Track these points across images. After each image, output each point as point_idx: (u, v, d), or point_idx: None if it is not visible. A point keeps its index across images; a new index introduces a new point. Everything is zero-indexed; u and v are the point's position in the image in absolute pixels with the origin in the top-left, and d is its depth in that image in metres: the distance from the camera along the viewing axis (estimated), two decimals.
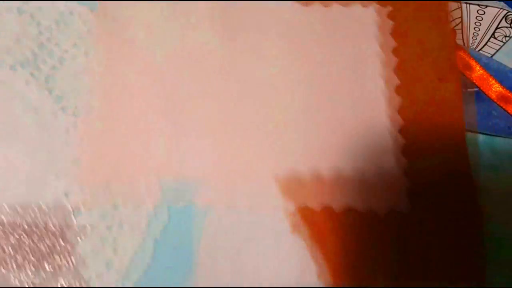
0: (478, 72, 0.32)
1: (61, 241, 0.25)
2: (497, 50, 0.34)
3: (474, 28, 0.34)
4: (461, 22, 0.34)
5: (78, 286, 0.24)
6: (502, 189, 0.29)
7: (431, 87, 0.29)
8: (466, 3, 0.35)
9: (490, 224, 0.28)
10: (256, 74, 0.29)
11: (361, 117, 0.28)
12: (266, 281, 0.25)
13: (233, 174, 0.27)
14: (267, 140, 0.28)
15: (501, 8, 0.35)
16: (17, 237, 0.25)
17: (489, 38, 0.34)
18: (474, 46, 0.34)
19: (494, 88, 0.31)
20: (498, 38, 0.34)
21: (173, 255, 0.25)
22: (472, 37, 0.34)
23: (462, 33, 0.34)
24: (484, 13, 0.35)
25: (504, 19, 0.35)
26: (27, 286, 0.24)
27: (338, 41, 0.30)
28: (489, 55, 0.33)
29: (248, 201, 0.26)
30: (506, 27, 0.34)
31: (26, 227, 0.25)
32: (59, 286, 0.24)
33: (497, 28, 0.34)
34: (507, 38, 0.34)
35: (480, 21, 0.35)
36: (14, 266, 0.24)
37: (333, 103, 0.29)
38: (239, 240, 0.26)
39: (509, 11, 0.35)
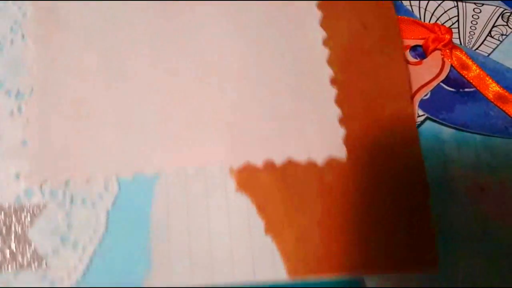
0: (475, 71, 0.32)
1: (14, 220, 0.25)
2: (494, 49, 0.33)
3: (471, 27, 0.34)
4: (458, 21, 0.34)
5: (36, 264, 0.25)
6: (501, 190, 0.29)
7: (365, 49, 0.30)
8: (462, 1, 0.35)
9: (489, 224, 0.28)
10: (204, 63, 0.29)
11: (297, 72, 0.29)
12: (216, 236, 0.26)
13: (181, 140, 0.28)
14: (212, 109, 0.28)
15: (497, 6, 0.35)
16: None
17: (486, 37, 0.34)
18: (470, 45, 0.33)
19: (491, 88, 0.31)
20: (494, 37, 0.34)
21: (126, 223, 0.26)
22: (469, 36, 0.34)
23: (458, 32, 0.34)
24: (481, 11, 0.35)
25: (500, 17, 0.34)
26: None
27: (275, 28, 0.30)
28: (486, 54, 0.33)
29: (194, 162, 0.27)
30: (503, 25, 0.34)
31: None
32: (16, 266, 0.25)
33: (493, 26, 0.34)
34: (503, 37, 0.34)
35: (477, 20, 0.34)
36: None
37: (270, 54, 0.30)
38: (188, 201, 0.27)
39: (505, 9, 0.35)
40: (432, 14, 0.34)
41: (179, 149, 0.27)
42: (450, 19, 0.34)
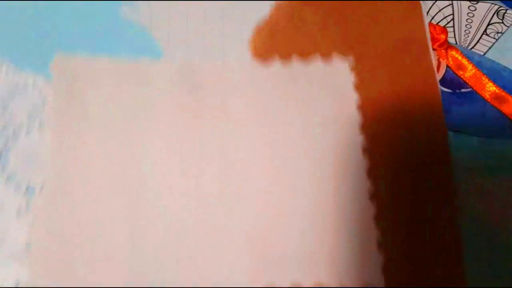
0: (471, 71, 0.31)
1: None
2: (490, 47, 0.33)
3: (466, 26, 0.34)
4: (453, 19, 0.34)
5: None
6: (499, 191, 0.29)
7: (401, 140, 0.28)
8: None
9: (489, 226, 0.28)
10: (227, 155, 0.27)
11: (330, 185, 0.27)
12: None
13: (197, 257, 0.25)
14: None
15: (492, 3, 0.34)
16: None
17: (481, 35, 0.33)
18: (466, 44, 0.33)
19: (488, 88, 0.31)
20: (490, 35, 0.33)
21: None
22: (464, 35, 0.34)
23: (454, 31, 0.34)
24: (476, 9, 0.34)
25: (495, 14, 0.34)
26: None
27: (303, 102, 0.29)
28: (482, 53, 0.33)
29: (212, 281, 0.25)
30: (498, 22, 0.34)
31: None
32: None
33: (489, 24, 0.34)
34: (499, 35, 0.33)
35: (472, 18, 0.34)
36: None
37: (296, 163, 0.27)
38: None
39: (500, 6, 0.34)
40: (427, 13, 0.34)
41: (196, 266, 0.25)
42: (445, 17, 0.34)
